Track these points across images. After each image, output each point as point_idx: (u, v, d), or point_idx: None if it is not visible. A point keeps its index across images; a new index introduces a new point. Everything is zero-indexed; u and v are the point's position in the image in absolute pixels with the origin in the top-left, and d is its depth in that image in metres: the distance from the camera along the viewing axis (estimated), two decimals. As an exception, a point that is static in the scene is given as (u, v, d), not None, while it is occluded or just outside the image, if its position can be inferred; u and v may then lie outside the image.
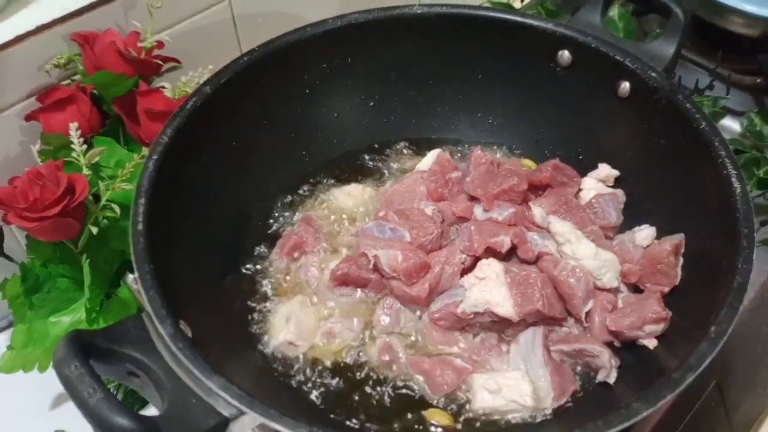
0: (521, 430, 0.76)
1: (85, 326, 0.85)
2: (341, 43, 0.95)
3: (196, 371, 0.63)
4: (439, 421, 0.76)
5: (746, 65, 1.12)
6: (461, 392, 0.78)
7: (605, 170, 0.93)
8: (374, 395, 0.79)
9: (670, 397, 0.62)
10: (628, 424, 0.61)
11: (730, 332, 0.66)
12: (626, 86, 0.89)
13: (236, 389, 0.62)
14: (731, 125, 1.10)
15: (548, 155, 0.98)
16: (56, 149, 0.85)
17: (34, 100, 0.88)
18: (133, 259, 0.70)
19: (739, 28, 1.06)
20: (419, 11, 0.96)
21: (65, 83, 0.90)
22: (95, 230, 0.81)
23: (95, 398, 0.59)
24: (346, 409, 0.78)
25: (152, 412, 0.67)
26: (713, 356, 0.64)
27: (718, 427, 0.99)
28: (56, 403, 0.90)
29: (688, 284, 0.81)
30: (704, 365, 0.64)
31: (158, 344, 0.66)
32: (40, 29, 0.86)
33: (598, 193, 0.91)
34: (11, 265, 0.89)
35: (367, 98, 1.02)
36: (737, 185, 0.75)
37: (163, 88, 0.90)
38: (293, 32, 0.93)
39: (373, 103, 1.03)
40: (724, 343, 0.65)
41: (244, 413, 0.62)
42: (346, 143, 1.02)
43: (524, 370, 0.78)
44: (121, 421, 0.59)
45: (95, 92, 0.89)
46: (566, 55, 0.93)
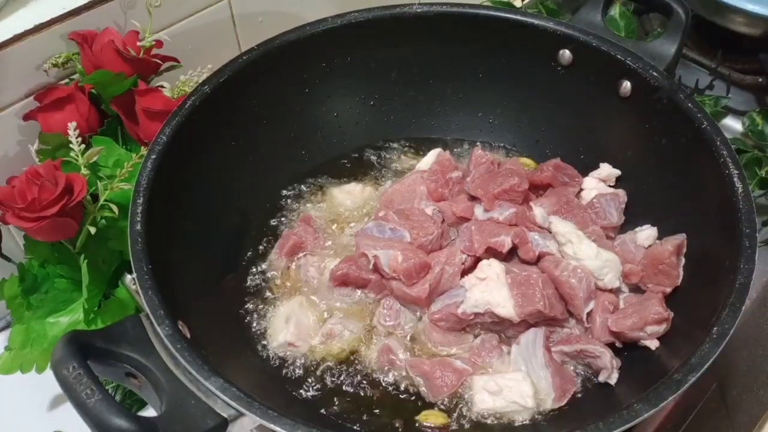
0: (522, 431, 0.75)
1: (83, 327, 0.85)
2: (341, 42, 0.95)
3: (194, 372, 0.63)
4: (434, 422, 0.76)
5: (747, 64, 1.11)
6: (462, 394, 0.78)
7: (606, 170, 0.93)
8: (374, 397, 0.79)
9: (671, 398, 0.62)
10: (629, 425, 0.61)
11: (732, 333, 0.65)
12: (627, 85, 0.89)
13: (235, 390, 0.62)
14: (733, 125, 1.09)
15: (549, 155, 0.98)
16: (54, 149, 0.85)
17: (32, 99, 0.88)
18: (131, 259, 0.70)
19: (740, 27, 1.06)
20: (419, 10, 0.95)
21: (64, 82, 0.90)
22: (93, 230, 0.81)
23: (93, 399, 0.59)
24: (345, 410, 0.77)
25: (151, 413, 0.66)
26: (715, 357, 0.64)
27: (719, 427, 0.98)
28: (54, 404, 0.90)
29: (689, 285, 0.80)
30: (706, 366, 0.64)
31: (157, 345, 0.66)
32: (38, 28, 0.86)
33: (599, 193, 0.91)
34: (9, 265, 0.89)
35: (366, 98, 1.02)
36: (739, 185, 0.75)
37: (161, 87, 0.89)
38: (292, 31, 0.93)
39: (373, 102, 1.02)
40: (725, 343, 0.65)
41: (243, 414, 0.62)
42: (345, 143, 1.02)
43: (525, 371, 0.78)
44: (119, 422, 0.58)
45: (94, 91, 0.89)
46: (567, 54, 0.93)
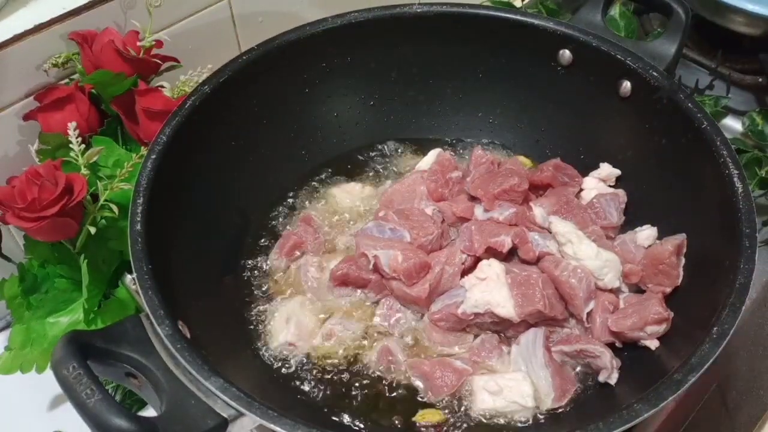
0: (522, 431, 0.75)
1: (83, 327, 0.85)
2: (341, 42, 0.95)
3: (194, 372, 0.63)
4: (431, 420, 0.76)
5: (747, 64, 1.11)
6: (462, 394, 0.78)
7: (606, 169, 0.93)
8: (374, 397, 0.79)
9: (671, 398, 0.62)
10: (629, 425, 0.61)
11: (732, 333, 0.65)
12: (627, 85, 0.89)
13: (235, 390, 0.62)
14: (733, 125, 1.09)
15: (549, 155, 0.98)
16: (54, 149, 0.85)
17: (32, 99, 0.88)
18: (131, 259, 0.70)
19: (740, 27, 1.06)
20: (419, 10, 0.95)
21: (63, 82, 0.90)
22: (93, 230, 0.81)
23: (93, 399, 0.59)
24: (345, 410, 0.77)
25: (151, 413, 0.66)
26: (715, 357, 0.64)
27: (719, 428, 0.98)
28: (54, 404, 0.90)
29: (689, 285, 0.80)
30: (706, 366, 0.64)
31: (157, 345, 0.66)
32: (38, 28, 0.86)
33: (599, 193, 0.91)
34: (9, 265, 0.89)
35: (366, 98, 1.02)
36: (739, 185, 0.75)
37: (161, 87, 0.89)
38: (292, 31, 0.93)
39: (373, 102, 1.02)
40: (726, 343, 0.65)
41: (243, 414, 0.62)
42: (345, 143, 1.02)
43: (525, 371, 0.78)
44: (119, 422, 0.58)
45: (94, 91, 0.89)
46: (567, 54, 0.93)
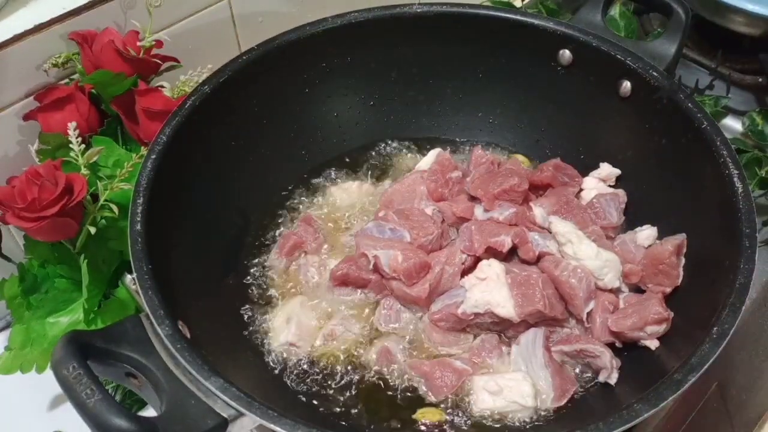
0: (522, 431, 0.75)
1: (83, 327, 0.85)
2: (341, 42, 0.95)
3: (194, 372, 0.62)
4: (430, 419, 0.76)
5: (747, 64, 1.11)
6: (462, 394, 0.78)
7: (606, 169, 0.93)
8: (374, 397, 0.79)
9: (671, 398, 0.62)
10: (629, 425, 0.61)
11: (732, 333, 0.65)
12: (627, 85, 0.89)
13: (235, 390, 0.62)
14: (733, 125, 1.09)
15: (549, 155, 0.98)
16: (54, 149, 0.85)
17: (32, 99, 0.88)
18: (131, 259, 0.70)
19: (740, 27, 1.06)
20: (419, 10, 0.95)
21: (63, 82, 0.90)
22: (93, 230, 0.81)
23: (93, 399, 0.59)
24: (346, 410, 0.77)
25: (151, 413, 0.66)
26: (715, 357, 0.64)
27: (720, 427, 0.98)
28: (54, 404, 0.90)
29: (689, 285, 0.80)
30: (706, 366, 0.64)
31: (157, 345, 0.66)
32: (38, 28, 0.86)
33: (599, 193, 0.91)
34: (9, 265, 0.89)
35: (366, 98, 1.02)
36: (739, 185, 0.75)
37: (161, 87, 0.89)
38: (292, 31, 0.93)
39: (373, 102, 1.02)
40: (726, 343, 0.65)
41: (243, 414, 0.62)
42: (345, 143, 1.02)
43: (525, 371, 0.78)
44: (119, 422, 0.58)
45: (94, 91, 0.89)
46: (567, 54, 0.93)
